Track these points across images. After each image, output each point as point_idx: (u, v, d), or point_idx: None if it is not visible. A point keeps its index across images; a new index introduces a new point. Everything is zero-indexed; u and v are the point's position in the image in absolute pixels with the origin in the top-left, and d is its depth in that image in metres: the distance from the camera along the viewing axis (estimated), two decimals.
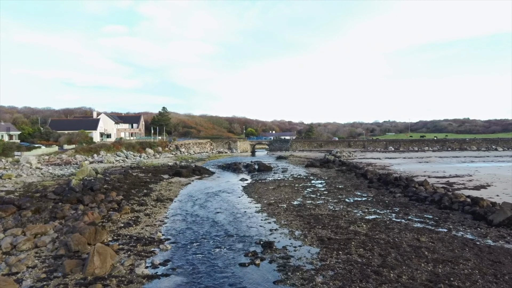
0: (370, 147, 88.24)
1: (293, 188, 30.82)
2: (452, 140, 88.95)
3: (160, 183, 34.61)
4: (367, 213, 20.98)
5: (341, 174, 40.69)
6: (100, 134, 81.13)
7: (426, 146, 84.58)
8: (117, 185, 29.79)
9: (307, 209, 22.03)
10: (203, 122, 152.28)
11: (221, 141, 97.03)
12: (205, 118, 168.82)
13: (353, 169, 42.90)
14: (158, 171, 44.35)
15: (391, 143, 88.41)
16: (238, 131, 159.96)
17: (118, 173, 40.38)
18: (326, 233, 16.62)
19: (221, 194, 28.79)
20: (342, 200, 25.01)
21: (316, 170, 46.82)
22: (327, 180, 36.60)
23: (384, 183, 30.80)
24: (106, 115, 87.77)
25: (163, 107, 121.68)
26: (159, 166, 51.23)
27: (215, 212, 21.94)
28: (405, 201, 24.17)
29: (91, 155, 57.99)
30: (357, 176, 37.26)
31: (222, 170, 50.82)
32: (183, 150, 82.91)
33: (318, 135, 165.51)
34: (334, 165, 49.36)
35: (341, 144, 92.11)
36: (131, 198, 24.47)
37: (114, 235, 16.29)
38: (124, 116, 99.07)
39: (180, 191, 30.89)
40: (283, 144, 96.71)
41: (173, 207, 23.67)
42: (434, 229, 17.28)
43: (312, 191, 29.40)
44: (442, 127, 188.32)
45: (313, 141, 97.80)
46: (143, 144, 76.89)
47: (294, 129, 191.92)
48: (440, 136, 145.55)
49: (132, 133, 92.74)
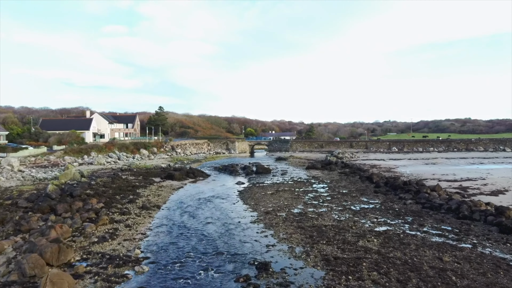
0: (372, 147, 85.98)
1: (293, 193, 28.57)
2: (458, 140, 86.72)
3: (149, 187, 32.36)
4: (376, 224, 18.74)
5: (344, 177, 38.44)
6: (93, 135, 78.87)
7: (431, 147, 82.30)
8: (101, 190, 27.54)
9: (308, 219, 19.78)
10: (201, 122, 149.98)
11: (219, 142, 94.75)
12: (203, 118, 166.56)
13: (357, 172, 40.65)
14: (149, 173, 42.13)
15: (395, 144, 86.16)
16: (238, 131, 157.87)
17: (107, 176, 38.16)
18: (332, 250, 14.37)
19: (214, 200, 26.53)
20: (348, 208, 22.76)
21: (318, 172, 44.57)
22: (330, 184, 34.35)
23: (392, 187, 28.55)
24: (100, 115, 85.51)
25: (160, 106, 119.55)
26: (151, 168, 49.00)
27: (206, 223, 19.68)
28: (418, 209, 21.93)
29: (81, 157, 55.72)
30: (362, 179, 35.02)
31: (218, 172, 48.58)
32: (179, 151, 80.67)
33: (319, 135, 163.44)
34: (336, 167, 47.12)
35: (343, 145, 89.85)
36: (113, 206, 22.21)
37: (84, 253, 14.03)
38: (119, 116, 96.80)
39: (170, 196, 28.62)
40: (283, 144, 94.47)
41: (159, 216, 21.41)
42: (456, 245, 15.04)
43: (314, 196, 27.15)
44: (444, 127, 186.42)
45: (314, 142, 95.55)
46: (137, 144, 74.64)
47: (294, 129, 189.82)
48: (443, 136, 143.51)
49: (127, 133, 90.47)
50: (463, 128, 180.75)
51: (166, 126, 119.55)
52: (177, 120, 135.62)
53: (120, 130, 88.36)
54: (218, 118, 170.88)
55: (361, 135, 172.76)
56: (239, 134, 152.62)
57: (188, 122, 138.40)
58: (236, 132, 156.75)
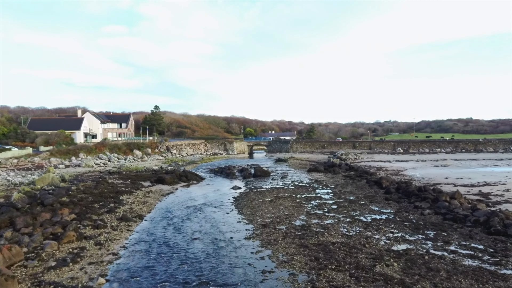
0: (377, 148, 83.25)
1: (295, 201, 25.83)
2: (466, 141, 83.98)
3: (136, 193, 29.64)
4: (393, 240, 16.01)
5: (350, 181, 35.69)
6: (84, 135, 76.19)
7: (437, 148, 79.56)
8: (79, 197, 24.83)
9: (313, 234, 17.05)
10: (198, 122, 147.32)
11: (217, 142, 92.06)
12: (201, 118, 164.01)
13: (364, 175, 37.90)
14: (139, 177, 39.44)
15: (399, 144, 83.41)
16: (237, 131, 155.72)
17: (91, 180, 35.48)
18: (344, 280, 11.64)
19: (206, 209, 23.79)
20: (357, 219, 20.02)
21: (321, 175, 41.81)
22: (335, 189, 31.61)
23: (405, 194, 25.81)
24: (92, 114, 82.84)
25: (156, 105, 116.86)
26: (142, 171, 46.30)
27: (192, 239, 16.95)
28: (438, 221, 19.18)
29: (69, 158, 53.02)
30: (370, 184, 32.28)
31: (214, 175, 45.85)
32: (175, 152, 77.99)
33: (320, 135, 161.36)
34: (340, 170, 44.37)
35: (346, 145, 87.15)
36: (87, 217, 19.45)
37: (32, 284, 11.29)
38: (112, 115, 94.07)
39: (157, 204, 25.89)
40: (283, 145, 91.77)
41: (139, 229, 18.67)
42: (496, 271, 12.30)
43: (317, 204, 24.41)
44: (447, 127, 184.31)
45: (315, 142, 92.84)
46: (130, 145, 72.00)
47: (294, 129, 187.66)
48: (447, 136, 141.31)
49: (120, 133, 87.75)
50: (467, 128, 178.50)
51: (162, 126, 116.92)
52: (174, 120, 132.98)
53: (113, 130, 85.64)
54: (216, 118, 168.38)
55: (363, 135, 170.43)
56: (238, 134, 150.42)
57: (185, 122, 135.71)
58: (235, 132, 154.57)
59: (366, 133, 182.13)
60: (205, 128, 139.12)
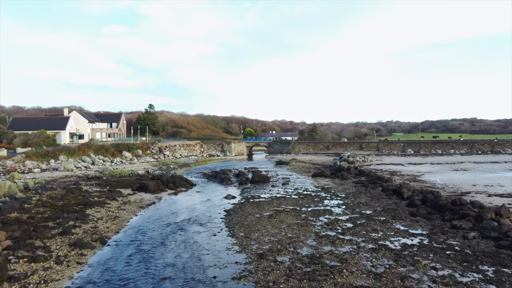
0: (385, 149, 78.76)
1: (299, 216, 21.41)
2: (481, 141, 79.42)
3: (110, 204, 25.28)
4: (440, 284, 11.57)
5: (362, 189, 31.24)
6: (71, 135, 71.81)
7: (451, 149, 75.00)
8: (34, 212, 20.46)
9: (327, 271, 12.65)
10: (196, 122, 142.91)
11: (213, 143, 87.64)
12: (199, 117, 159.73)
13: (378, 182, 33.44)
14: (120, 183, 35.10)
15: (410, 145, 78.88)
16: (236, 131, 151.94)
17: (63, 187, 31.15)
18: None
19: (189, 228, 19.40)
20: (382, 245, 15.59)
21: (327, 181, 37.36)
22: (346, 199, 27.18)
23: (434, 208, 21.37)
24: (79, 113, 78.52)
25: (150, 104, 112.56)
26: (126, 176, 41.95)
27: (161, 278, 12.54)
28: (491, 250, 14.74)
29: (47, 161, 48.64)
30: (387, 193, 27.83)
31: (207, 180, 41.47)
32: (167, 154, 73.63)
33: (322, 135, 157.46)
34: (349, 175, 39.92)
35: (351, 146, 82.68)
36: (28, 244, 15.04)
37: None
38: (102, 114, 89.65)
39: (131, 220, 21.49)
40: (284, 146, 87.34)
41: (94, 261, 14.26)
42: None
43: (328, 222, 19.98)
44: (453, 127, 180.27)
45: (319, 143, 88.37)
46: (119, 146, 67.60)
47: (296, 129, 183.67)
48: (454, 136, 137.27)
49: (110, 133, 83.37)
50: (474, 128, 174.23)
51: (156, 125, 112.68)
52: (170, 119, 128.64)
53: (102, 130, 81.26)
54: (215, 118, 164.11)
55: (366, 136, 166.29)
56: (238, 134, 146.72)
57: (182, 121, 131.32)
58: (235, 132, 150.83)
59: (370, 133, 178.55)
60: (203, 128, 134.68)
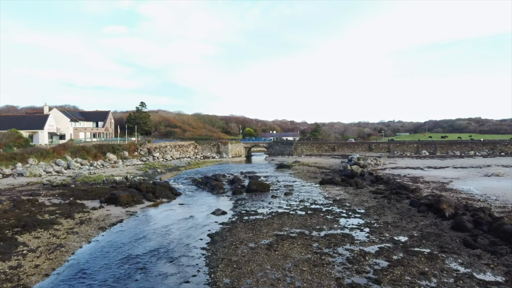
0: (396, 150, 73.08)
1: (310, 247, 15.79)
2: (504, 141, 73.54)
3: (61, 223, 19.80)
4: None
5: (384, 202, 25.59)
6: (50, 135, 66.26)
7: (471, 150, 69.23)
8: None
9: None
10: (192, 121, 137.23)
11: (208, 144, 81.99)
12: (196, 116, 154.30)
13: (402, 192, 27.72)
14: (89, 193, 29.60)
15: (424, 146, 73.16)
16: (236, 131, 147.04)
17: (13, 199, 25.58)
18: None
19: (153, 268, 13.79)
20: None
21: (339, 190, 31.69)
22: (367, 216, 21.55)
23: (495, 233, 15.75)
24: (61, 111, 72.96)
25: (141, 102, 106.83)
26: (100, 183, 36.39)
27: None
28: None
29: (13, 165, 43.05)
30: (418, 208, 22.20)
31: (196, 188, 35.90)
32: (157, 155, 68.08)
33: (326, 135, 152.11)
34: (364, 182, 34.33)
35: (360, 147, 76.97)
36: None
37: None
38: (87, 112, 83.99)
39: (78, 251, 15.90)
40: (285, 146, 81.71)
41: None
42: None
43: (351, 257, 14.35)
44: (460, 127, 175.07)
45: (323, 143, 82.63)
46: (103, 147, 62.08)
47: (297, 129, 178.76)
48: (464, 136, 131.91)
49: (96, 133, 77.81)
50: (484, 128, 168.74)
51: (148, 125, 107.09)
52: (163, 118, 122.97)
53: (86, 130, 75.67)
54: (213, 117, 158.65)
55: (370, 136, 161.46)
56: (237, 134, 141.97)
57: (176, 120, 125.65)
58: (234, 132, 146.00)
59: (373, 133, 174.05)
60: (199, 128, 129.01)
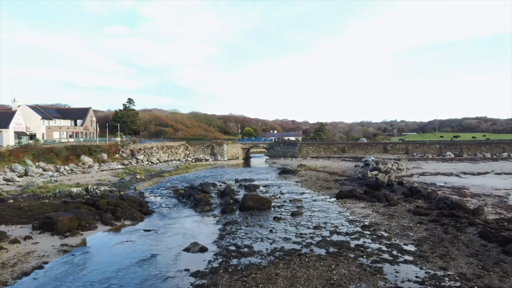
0: (416, 152, 65.61)
1: None
2: None
3: None
4: None
5: (435, 229, 18.07)
6: (17, 135, 58.97)
7: (503, 152, 61.76)
8: None
9: None
10: (186, 120, 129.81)
11: (202, 144, 74.54)
12: (192, 115, 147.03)
13: (458, 213, 20.14)
14: (25, 212, 22.29)
15: (448, 147, 65.59)
16: (235, 131, 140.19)
17: None
18: None
19: None
20: None
21: (365, 208, 24.12)
22: (423, 259, 14.05)
23: None
24: (31, 107, 65.59)
25: (129, 98, 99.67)
26: (52, 196, 28.99)
27: None
28: None
29: None
30: (504, 247, 14.73)
31: (176, 202, 28.50)
32: (141, 158, 60.76)
33: (331, 135, 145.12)
34: (394, 194, 26.85)
35: (373, 148, 69.48)
36: None
37: None
38: (64, 109, 76.53)
39: None
40: (288, 148, 74.26)
41: None
42: None
43: None
44: (471, 126, 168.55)
45: (331, 144, 75.07)
46: (78, 149, 54.89)
47: (299, 128, 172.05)
48: (477, 136, 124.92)
49: (74, 132, 70.45)
50: (497, 127, 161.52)
51: (137, 123, 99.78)
52: (154, 116, 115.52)
53: (62, 129, 68.32)
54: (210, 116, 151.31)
55: (376, 135, 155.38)
56: (236, 134, 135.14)
57: (169, 119, 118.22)
58: (233, 132, 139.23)
59: (378, 132, 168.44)
60: (194, 127, 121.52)
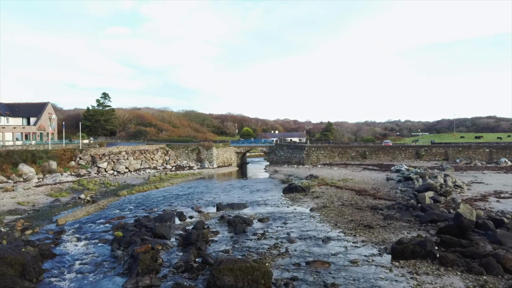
0: (459, 157, 53.49)
1: None
2: None
3: None
4: None
5: None
6: None
7: None
8: None
9: None
10: (174, 118, 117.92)
11: (185, 148, 62.32)
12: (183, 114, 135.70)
13: None
14: None
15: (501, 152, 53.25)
16: (232, 131, 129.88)
17: None
18: None
19: None
20: None
21: None
22: None
23: None
24: None
25: (104, 93, 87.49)
26: None
27: None
28: None
29: None
30: None
31: (106, 255, 16.29)
32: (104, 166, 48.84)
33: (339, 136, 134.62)
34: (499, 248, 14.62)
35: (402, 153, 57.28)
36: None
37: None
38: (16, 105, 64.40)
39: None
40: (293, 152, 61.98)
41: None
42: None
43: None
44: (489, 125, 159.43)
45: (348, 148, 62.51)
46: (16, 156, 43.18)
47: (302, 128, 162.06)
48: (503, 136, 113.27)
49: (23, 133, 58.41)
50: None
51: (113, 122, 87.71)
52: (135, 115, 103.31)
53: (6, 129, 56.24)
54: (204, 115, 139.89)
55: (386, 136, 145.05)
56: (234, 134, 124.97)
57: (153, 118, 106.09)
58: (230, 133, 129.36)
59: (386, 132, 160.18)
60: (182, 127, 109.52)
